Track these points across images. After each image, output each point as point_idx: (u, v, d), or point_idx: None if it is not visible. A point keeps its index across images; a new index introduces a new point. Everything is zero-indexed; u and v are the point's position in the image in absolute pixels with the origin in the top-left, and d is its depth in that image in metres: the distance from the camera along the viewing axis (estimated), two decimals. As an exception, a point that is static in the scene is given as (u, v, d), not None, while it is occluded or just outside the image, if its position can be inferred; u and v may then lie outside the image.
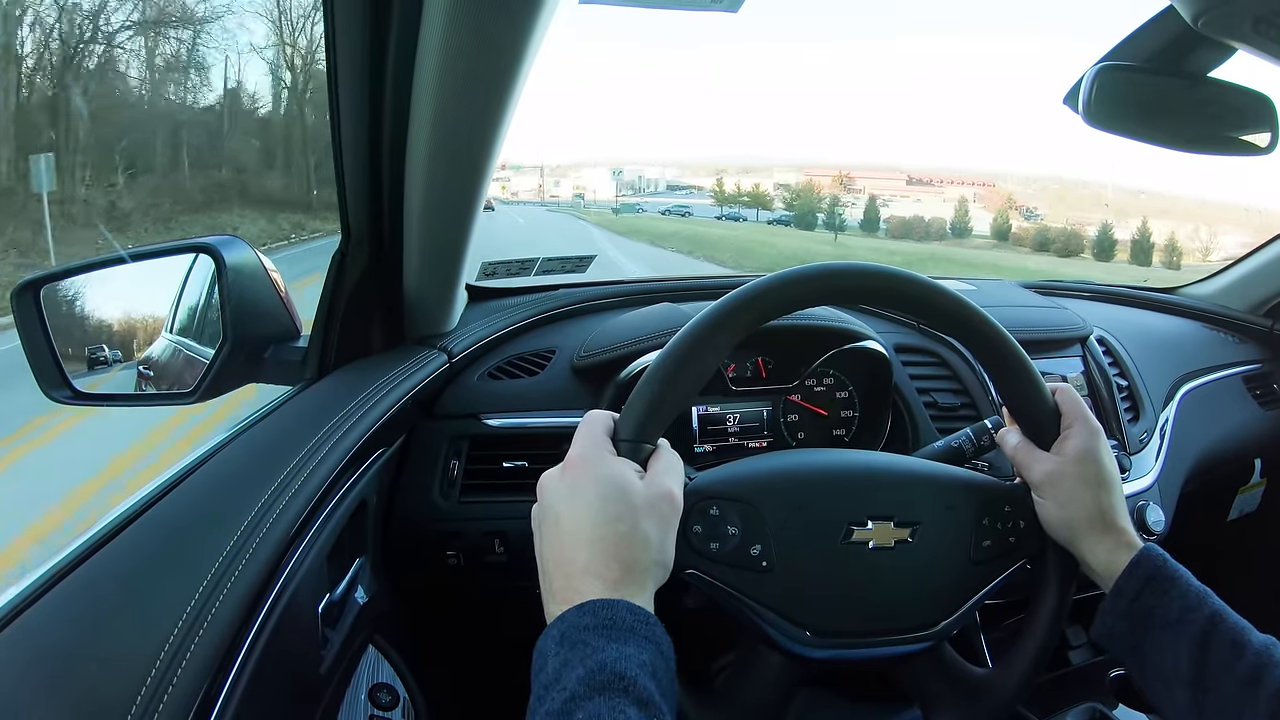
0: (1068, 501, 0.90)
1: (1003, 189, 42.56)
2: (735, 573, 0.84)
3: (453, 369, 1.43)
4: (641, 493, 0.76)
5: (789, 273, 0.88)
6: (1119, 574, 0.87)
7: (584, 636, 0.65)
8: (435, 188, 1.18)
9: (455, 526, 1.34)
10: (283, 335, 1.31)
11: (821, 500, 0.89)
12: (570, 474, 0.77)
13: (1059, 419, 0.94)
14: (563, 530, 0.74)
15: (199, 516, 0.89)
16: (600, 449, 0.79)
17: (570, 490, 0.76)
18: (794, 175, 49.05)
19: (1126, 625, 0.86)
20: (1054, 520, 0.92)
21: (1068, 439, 0.92)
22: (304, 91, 29.20)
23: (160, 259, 1.29)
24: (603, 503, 0.74)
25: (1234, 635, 0.81)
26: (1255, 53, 0.91)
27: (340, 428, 1.06)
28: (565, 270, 2.00)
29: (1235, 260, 2.36)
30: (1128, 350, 1.87)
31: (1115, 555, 0.88)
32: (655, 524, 0.75)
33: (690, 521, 0.83)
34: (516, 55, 0.97)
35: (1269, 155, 1.20)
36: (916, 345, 1.64)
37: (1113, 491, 0.91)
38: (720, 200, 47.37)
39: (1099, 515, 0.90)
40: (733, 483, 0.87)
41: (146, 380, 1.37)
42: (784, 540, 0.86)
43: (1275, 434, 2.17)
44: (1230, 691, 0.79)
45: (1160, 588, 0.85)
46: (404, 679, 1.29)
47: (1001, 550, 0.93)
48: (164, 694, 0.66)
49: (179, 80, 27.38)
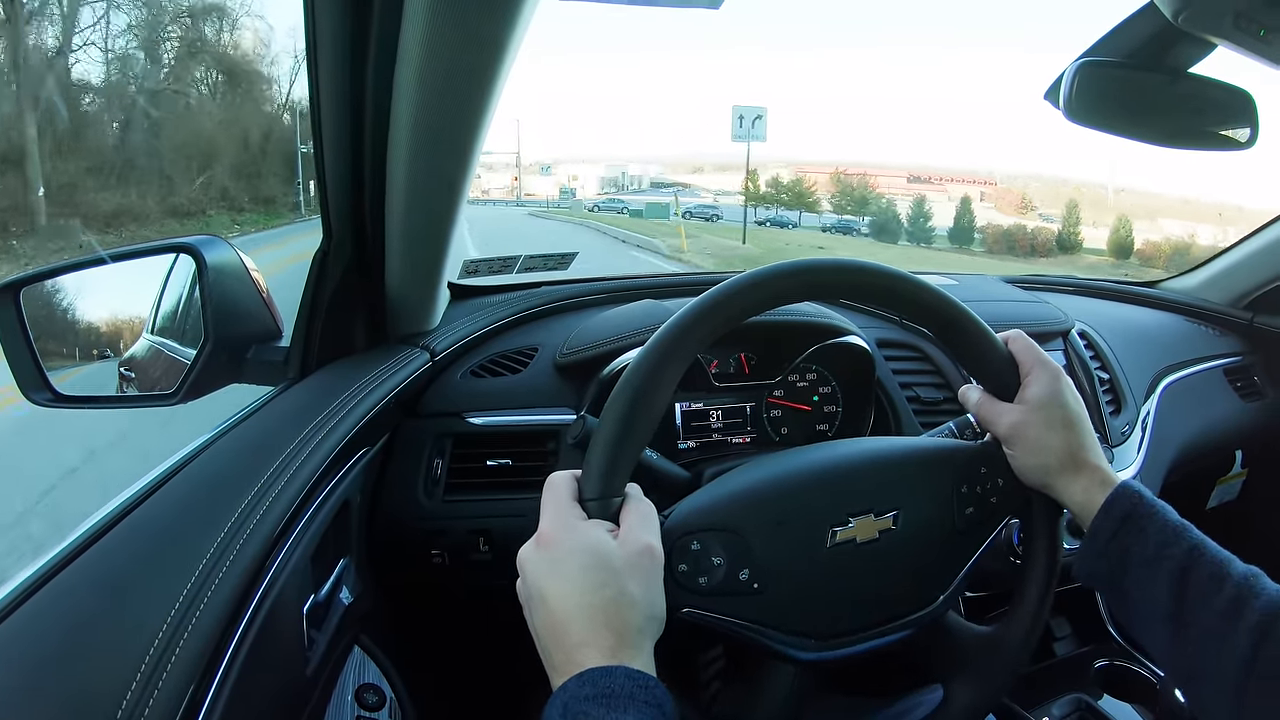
0: (1037, 448, 0.91)
1: (1014, 188, 40.10)
2: (729, 601, 0.83)
3: (435, 367, 1.43)
4: (619, 554, 0.75)
5: (697, 307, 0.85)
6: (1096, 513, 0.88)
7: (584, 708, 0.65)
8: (417, 186, 1.17)
9: (439, 525, 1.34)
10: (265, 335, 1.30)
11: (799, 510, 0.88)
12: (546, 550, 0.75)
13: (1016, 368, 0.94)
14: (551, 608, 0.73)
15: (183, 519, 0.88)
16: (569, 517, 0.77)
17: (550, 567, 0.74)
18: (786, 172, 47.39)
19: (1105, 564, 0.87)
20: (1027, 469, 0.92)
21: (1028, 386, 0.93)
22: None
23: (141, 259, 1.28)
24: (583, 574, 0.73)
25: (1213, 568, 0.82)
26: (1235, 48, 0.91)
27: (323, 428, 1.06)
28: (547, 268, 1.99)
29: (1215, 254, 2.38)
30: (1109, 344, 1.88)
31: (1091, 494, 0.89)
32: (639, 582, 0.74)
33: (674, 561, 0.81)
34: (498, 50, 0.97)
35: (1249, 150, 1.21)
36: (899, 340, 1.65)
37: (1080, 430, 0.92)
38: (754, 200, 40.44)
39: (1070, 456, 0.90)
40: (707, 513, 0.86)
41: (128, 382, 1.36)
42: (770, 558, 0.85)
43: (1255, 425, 2.20)
44: (1209, 625, 0.79)
45: (1137, 524, 0.86)
46: (390, 679, 1.29)
47: (985, 514, 0.94)
48: (150, 697, 0.65)
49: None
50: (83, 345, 1.31)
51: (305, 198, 28.20)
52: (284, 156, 29.44)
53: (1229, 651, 0.78)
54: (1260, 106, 1.20)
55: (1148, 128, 1.18)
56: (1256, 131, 1.20)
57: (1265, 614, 0.77)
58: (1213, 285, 2.35)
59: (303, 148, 27.21)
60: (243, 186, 27.80)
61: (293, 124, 30.05)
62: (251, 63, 30.30)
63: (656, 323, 0.91)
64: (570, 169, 47.56)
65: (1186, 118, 1.19)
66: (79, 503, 5.04)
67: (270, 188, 29.15)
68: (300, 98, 30.02)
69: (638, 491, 0.82)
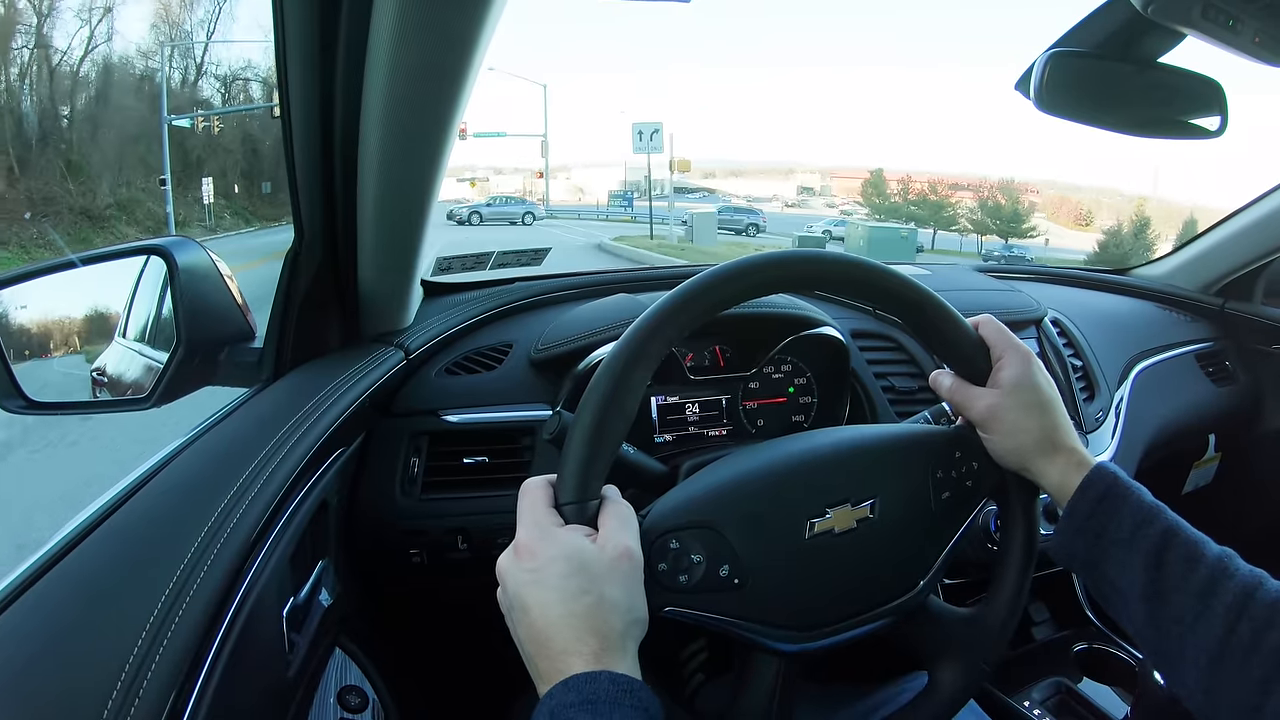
0: (1012, 431, 0.91)
1: (1067, 196, 36.74)
2: (710, 598, 0.83)
3: (410, 366, 1.42)
4: (599, 558, 0.74)
5: (664, 305, 0.85)
6: (1072, 493, 0.89)
7: (570, 715, 0.65)
8: (389, 183, 1.16)
9: (417, 524, 1.33)
10: (238, 336, 1.29)
11: (775, 504, 0.88)
12: (525, 559, 0.75)
13: (988, 352, 0.95)
14: (533, 617, 0.72)
15: (159, 524, 0.87)
16: (546, 525, 0.77)
17: (530, 576, 0.74)
18: (816, 179, 45.32)
19: (1082, 543, 0.88)
20: (1003, 452, 0.93)
21: (1000, 369, 0.93)
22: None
23: (111, 262, 1.27)
24: (563, 581, 0.72)
25: (1189, 549, 0.83)
26: (1204, 38, 0.92)
27: (298, 429, 1.05)
28: (521, 263, 2.00)
29: (1186, 241, 2.40)
30: (1082, 331, 1.89)
31: (1067, 475, 0.90)
32: (620, 586, 0.74)
33: (654, 561, 0.81)
34: (468, 46, 0.97)
35: (1218, 138, 1.22)
36: (873, 330, 1.66)
37: (1054, 412, 0.93)
38: (881, 212, 35.92)
39: (1045, 438, 0.91)
40: (684, 510, 0.86)
41: (100, 386, 1.35)
42: (749, 553, 0.85)
43: (1228, 410, 2.22)
44: (1185, 603, 0.80)
45: (1113, 505, 0.87)
46: (372, 680, 1.28)
47: (961, 497, 0.94)
48: (131, 705, 0.65)
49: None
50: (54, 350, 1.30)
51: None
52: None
53: (1205, 629, 0.79)
54: (1230, 96, 1.21)
55: (1118, 117, 1.19)
56: (1226, 120, 1.21)
57: (1239, 593, 0.78)
58: (1184, 271, 2.37)
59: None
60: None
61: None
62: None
63: (630, 316, 0.91)
64: (583, 173, 45.38)
65: (1156, 107, 1.20)
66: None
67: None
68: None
69: (615, 493, 0.82)
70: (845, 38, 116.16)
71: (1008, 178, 35.45)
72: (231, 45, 35.05)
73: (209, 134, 30.81)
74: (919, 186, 37.10)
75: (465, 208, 32.28)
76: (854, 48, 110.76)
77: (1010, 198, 34.69)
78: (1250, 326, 2.29)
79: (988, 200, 35.19)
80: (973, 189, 36.24)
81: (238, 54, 39.06)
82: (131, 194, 25.65)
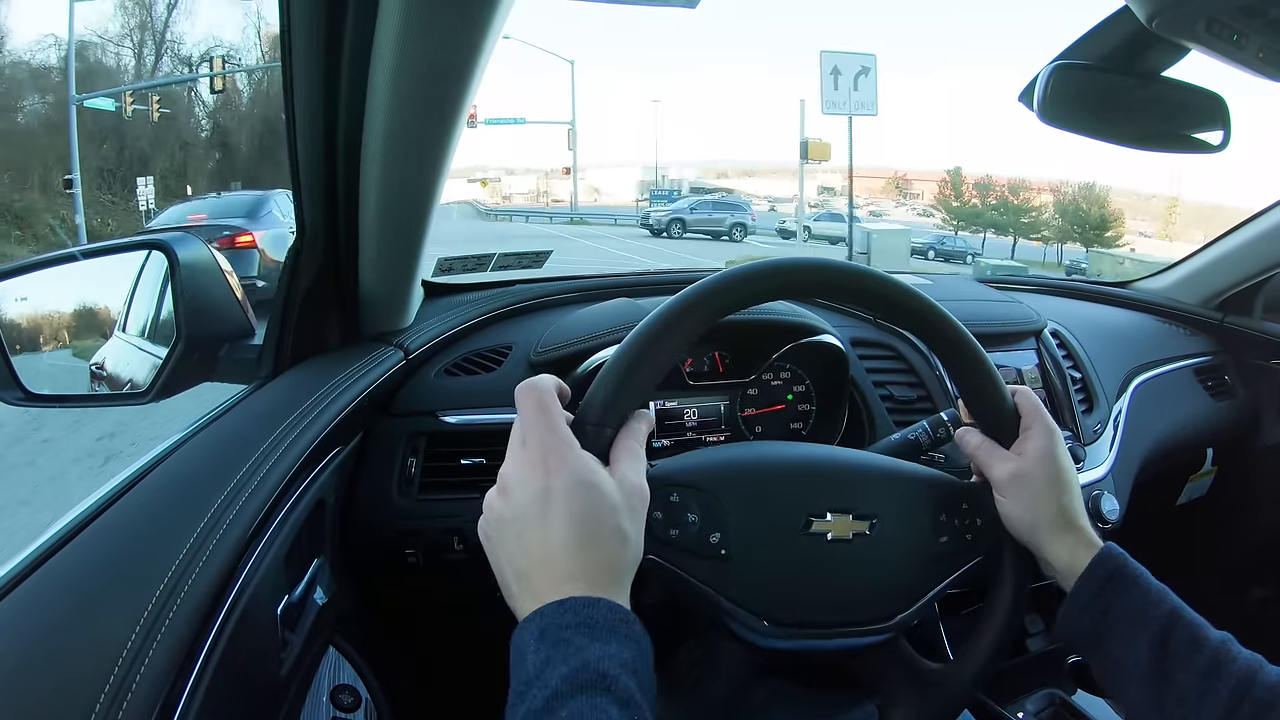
0: (1031, 502, 0.92)
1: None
2: (694, 560, 0.84)
3: (409, 366, 1.42)
4: (616, 490, 0.75)
5: (760, 265, 0.88)
6: (1080, 573, 0.89)
7: (565, 635, 0.65)
8: (391, 183, 1.17)
9: (414, 525, 1.34)
10: (237, 333, 1.29)
11: (781, 490, 0.89)
12: (535, 474, 0.73)
13: (1019, 420, 0.96)
14: (547, 535, 0.71)
15: (154, 520, 0.87)
16: (564, 442, 0.76)
17: (544, 495, 0.72)
18: (837, 179, 43.67)
19: (1088, 620, 0.88)
20: (1016, 519, 0.93)
21: (1028, 440, 0.94)
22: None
23: (112, 256, 1.27)
24: (585, 507, 0.72)
25: (1192, 632, 0.83)
26: (1208, 52, 0.92)
27: (296, 427, 1.05)
28: (522, 266, 2.00)
29: (1187, 255, 2.40)
30: (1081, 343, 1.89)
31: (1076, 554, 0.90)
32: (631, 521, 0.75)
33: (651, 508, 0.81)
34: (472, 50, 0.97)
35: (1220, 152, 1.22)
36: (873, 339, 1.65)
37: (1072, 491, 0.93)
38: (959, 217, 32.71)
39: (1060, 514, 0.91)
40: (693, 471, 0.87)
41: (99, 380, 1.35)
42: (743, 529, 0.86)
43: (1226, 424, 2.22)
44: (1189, 683, 0.80)
45: (1121, 586, 0.87)
46: (365, 680, 1.28)
47: (958, 546, 0.94)
48: (122, 702, 0.65)
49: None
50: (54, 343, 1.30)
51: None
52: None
53: (1208, 710, 0.79)
54: (1234, 110, 1.21)
55: (1121, 130, 1.19)
56: (1229, 135, 1.21)
57: (1241, 676, 0.79)
58: (1184, 285, 2.37)
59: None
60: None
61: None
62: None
63: (631, 320, 0.91)
64: (598, 174, 42.23)
65: (1159, 121, 1.20)
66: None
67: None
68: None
69: (635, 430, 0.82)
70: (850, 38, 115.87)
71: (1088, 181, 32.88)
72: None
73: (154, 124, 26.73)
74: (999, 189, 34.42)
75: (664, 214, 27.16)
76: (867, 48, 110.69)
77: (1096, 202, 32.61)
78: (1249, 341, 2.29)
79: (1069, 204, 33.26)
80: (1055, 192, 34.01)
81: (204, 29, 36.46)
82: (37, 199, 22.55)
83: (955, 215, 33.22)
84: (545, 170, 44.22)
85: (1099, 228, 31.98)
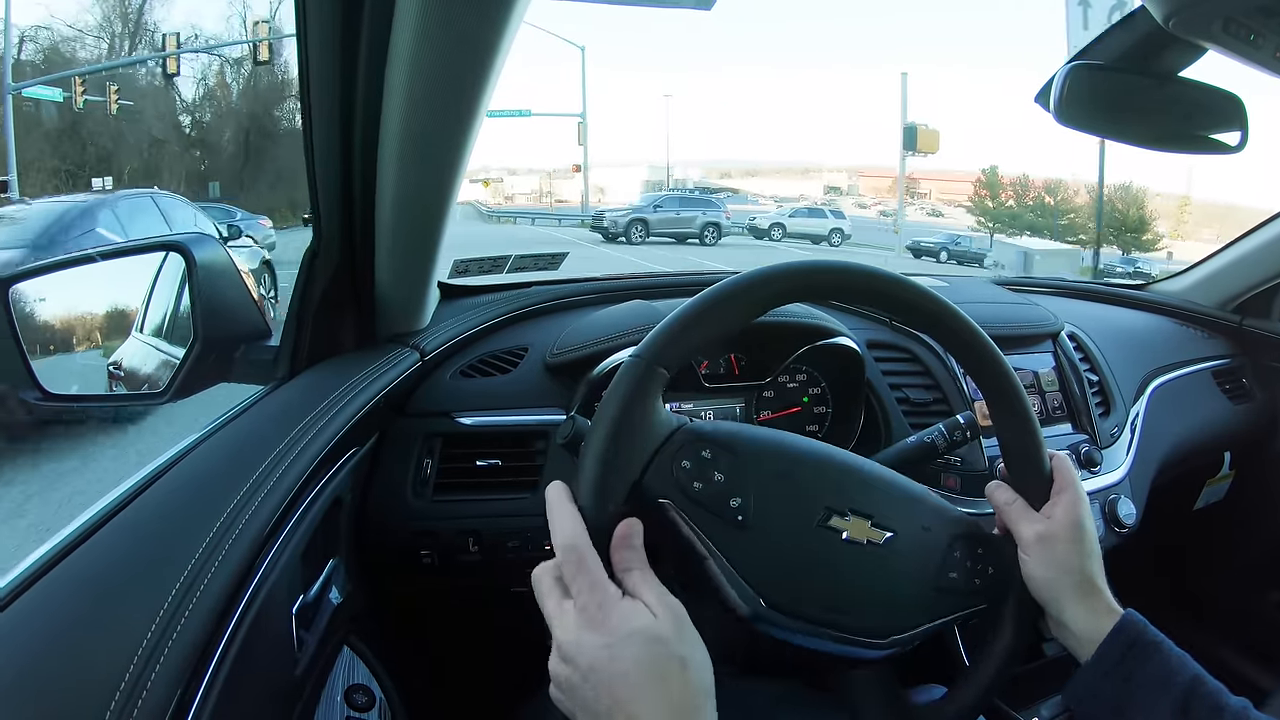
0: (1057, 564, 0.92)
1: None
2: (710, 518, 0.84)
3: (425, 367, 1.43)
4: (661, 623, 0.74)
5: (750, 278, 0.88)
6: (1102, 639, 0.89)
7: None
8: (407, 186, 1.17)
9: (429, 526, 1.34)
10: (254, 334, 1.30)
11: (810, 476, 0.89)
12: (593, 635, 0.72)
13: (1051, 484, 0.96)
14: (609, 696, 0.71)
15: (171, 519, 0.88)
16: (610, 596, 0.75)
17: (605, 654, 0.72)
18: (843, 178, 43.10)
19: (1110, 687, 0.88)
20: (1039, 579, 0.93)
21: (1058, 504, 0.94)
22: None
23: (130, 257, 1.28)
24: (645, 652, 0.72)
25: (1214, 699, 0.84)
26: (1225, 52, 0.92)
27: (312, 428, 1.06)
28: (538, 267, 2.00)
29: (1205, 257, 2.38)
30: (1098, 346, 1.88)
31: (1098, 620, 0.91)
32: (682, 642, 0.74)
33: (680, 457, 0.82)
34: (489, 51, 0.97)
35: (1238, 153, 1.22)
36: (889, 341, 1.65)
37: (1095, 556, 0.94)
38: (996, 219, 31.37)
39: (1085, 579, 0.92)
40: (731, 435, 0.87)
41: (117, 380, 1.36)
42: (764, 502, 0.85)
43: (1243, 427, 2.20)
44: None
45: (1144, 653, 0.88)
46: (380, 680, 1.28)
47: (965, 587, 0.94)
48: (138, 699, 0.65)
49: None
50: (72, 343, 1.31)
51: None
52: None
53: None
54: (1251, 111, 1.20)
55: (1137, 131, 1.19)
56: (1246, 135, 1.21)
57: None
58: (1202, 288, 2.36)
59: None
60: None
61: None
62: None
63: (646, 323, 0.91)
64: (601, 174, 40.54)
65: (1176, 121, 1.20)
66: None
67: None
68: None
69: (637, 549, 0.80)
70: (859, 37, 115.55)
71: (1124, 180, 31.24)
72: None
73: (114, 118, 24.59)
74: (1036, 190, 32.99)
75: (622, 213, 25.34)
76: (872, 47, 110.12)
77: (1134, 202, 31.22)
78: (1268, 344, 2.27)
79: (1106, 205, 29.31)
80: (1090, 192, 31.77)
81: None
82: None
83: (992, 217, 32.00)
84: (549, 170, 43.72)
85: (1136, 230, 31.17)
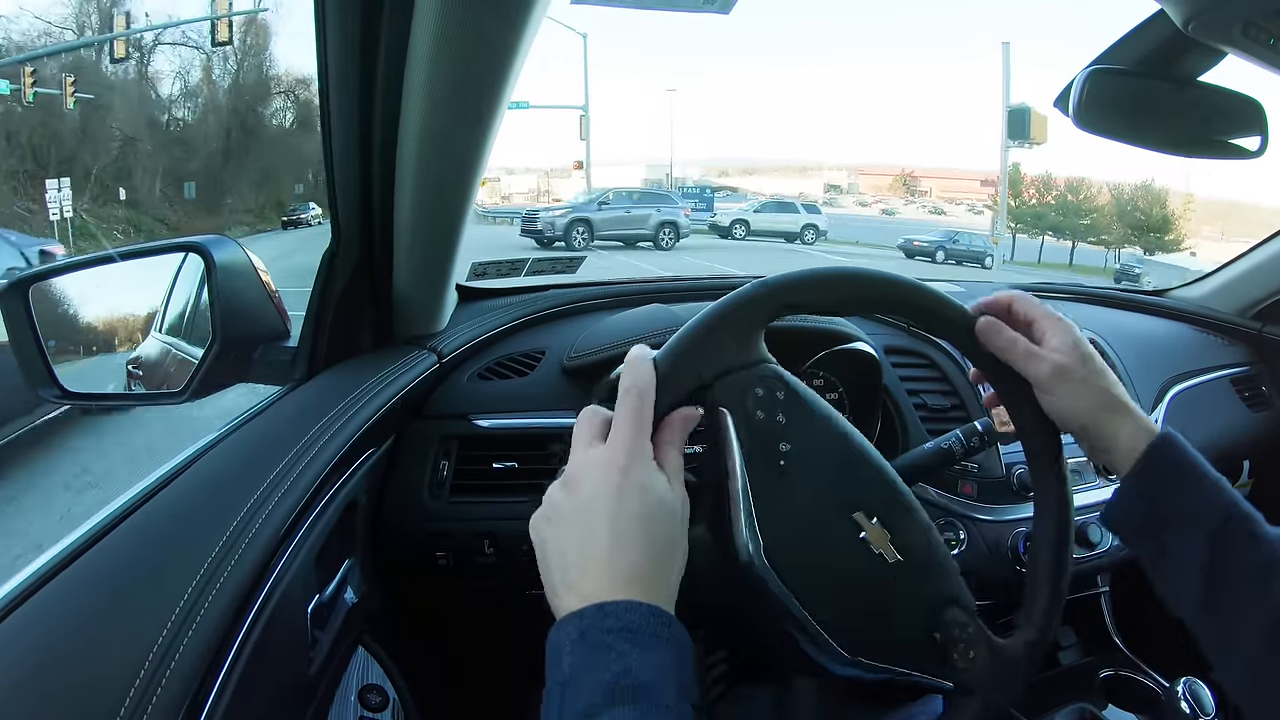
0: (1084, 389, 0.89)
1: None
2: (757, 449, 0.83)
3: (442, 369, 1.43)
4: (677, 501, 0.75)
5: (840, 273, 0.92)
6: (1139, 456, 0.87)
7: (606, 640, 0.64)
8: (426, 188, 1.18)
9: (445, 527, 1.34)
10: (272, 335, 1.30)
11: (857, 467, 0.88)
12: (610, 470, 0.73)
13: (1030, 327, 0.94)
14: (593, 534, 0.70)
15: (188, 518, 0.88)
16: (646, 448, 0.76)
17: (614, 491, 0.71)
18: (844, 176, 42.86)
19: (1141, 509, 0.87)
20: (1069, 410, 0.89)
21: (1051, 337, 0.92)
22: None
23: (150, 258, 1.29)
24: (653, 510, 0.72)
25: (1249, 526, 0.82)
26: (1244, 56, 0.92)
27: (329, 428, 1.06)
28: (556, 271, 2.00)
29: (1224, 264, 2.37)
30: (1117, 352, 1.87)
31: (1137, 437, 0.88)
32: (683, 534, 0.75)
33: (757, 384, 0.84)
34: (508, 54, 0.97)
35: (1258, 158, 1.21)
36: (906, 347, 1.64)
37: (1111, 376, 0.91)
38: (1019, 219, 29.68)
39: (1112, 399, 0.90)
40: (809, 394, 0.87)
41: (135, 379, 1.37)
42: (809, 465, 0.85)
43: (1263, 435, 2.18)
44: (1242, 586, 0.80)
45: (1179, 474, 0.86)
46: (393, 680, 1.29)
47: (938, 655, 0.88)
48: (152, 696, 0.65)
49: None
50: (91, 342, 1.32)
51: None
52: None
53: (1264, 610, 0.79)
54: (1271, 115, 1.19)
55: (1156, 136, 1.18)
56: (1267, 140, 1.20)
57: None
58: (1221, 294, 2.34)
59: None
60: None
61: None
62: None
63: (664, 327, 0.91)
64: (598, 172, 39.92)
65: (1195, 126, 1.19)
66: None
67: None
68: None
69: (680, 436, 0.82)
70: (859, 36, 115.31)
71: (1146, 179, 30.62)
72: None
73: (70, 112, 23.23)
74: (1059, 189, 32.10)
75: (561, 214, 22.78)
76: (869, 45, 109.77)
77: (1156, 201, 30.12)
78: (1288, 352, 2.25)
79: (1127, 204, 30.91)
80: (1112, 192, 31.60)
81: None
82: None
83: (1015, 217, 30.56)
84: (547, 169, 43.36)
85: (1159, 230, 30.15)
